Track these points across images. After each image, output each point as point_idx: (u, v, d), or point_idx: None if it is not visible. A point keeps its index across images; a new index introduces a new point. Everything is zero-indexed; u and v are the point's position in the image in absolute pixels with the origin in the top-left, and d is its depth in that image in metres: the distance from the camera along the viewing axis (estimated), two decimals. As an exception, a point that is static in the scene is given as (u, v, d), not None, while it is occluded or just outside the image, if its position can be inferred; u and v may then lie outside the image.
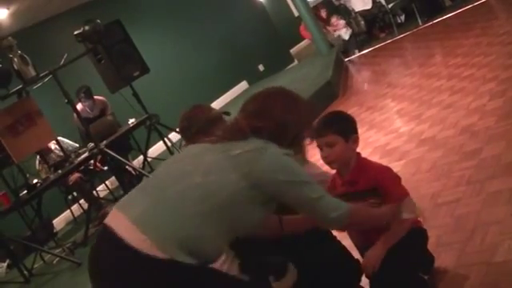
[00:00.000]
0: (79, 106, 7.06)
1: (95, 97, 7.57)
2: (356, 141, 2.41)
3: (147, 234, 1.78)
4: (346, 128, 2.40)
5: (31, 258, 6.06)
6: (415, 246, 2.27)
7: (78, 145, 7.05)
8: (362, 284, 2.45)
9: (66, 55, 6.03)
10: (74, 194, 7.31)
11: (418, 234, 2.38)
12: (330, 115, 2.52)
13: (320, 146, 2.40)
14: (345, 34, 10.55)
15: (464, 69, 5.62)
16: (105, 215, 6.78)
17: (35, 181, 5.85)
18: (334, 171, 2.53)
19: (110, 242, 1.84)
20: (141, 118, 6.78)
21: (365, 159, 2.48)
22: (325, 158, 2.39)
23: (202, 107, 2.61)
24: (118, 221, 1.86)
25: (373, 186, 2.35)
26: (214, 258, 1.83)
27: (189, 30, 11.19)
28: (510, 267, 2.34)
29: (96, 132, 6.42)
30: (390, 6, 10.29)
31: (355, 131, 2.43)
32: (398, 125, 5.11)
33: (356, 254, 2.55)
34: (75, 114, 6.24)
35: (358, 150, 2.47)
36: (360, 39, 10.89)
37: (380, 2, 10.56)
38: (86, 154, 6.12)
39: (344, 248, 2.53)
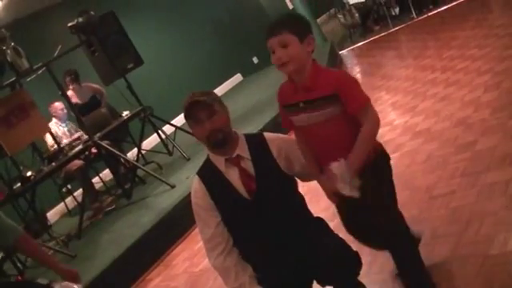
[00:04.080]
0: (69, 93, 7.02)
1: (92, 84, 7.53)
2: (311, 42, 2.29)
3: None
4: (300, 27, 2.27)
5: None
6: (383, 177, 2.22)
7: None
8: (359, 278, 2.44)
9: (59, 47, 6.00)
10: (69, 186, 7.28)
11: (382, 161, 2.35)
12: (283, 15, 2.41)
13: (273, 48, 2.27)
14: None
15: (459, 61, 5.62)
16: (99, 208, 6.78)
17: (29, 173, 5.82)
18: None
19: None
20: (135, 110, 6.76)
21: (320, 66, 2.36)
22: (278, 60, 2.25)
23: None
24: None
25: (331, 92, 2.21)
26: None
27: (183, 23, 11.15)
28: (506, 259, 2.35)
29: (89, 125, 6.39)
30: (384, -2, 10.27)
31: (310, 32, 2.30)
32: (393, 117, 5.10)
33: (354, 247, 2.53)
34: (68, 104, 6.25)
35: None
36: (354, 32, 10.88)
37: (374, -6, 10.53)
38: (80, 147, 6.10)
39: (342, 240, 2.50)
